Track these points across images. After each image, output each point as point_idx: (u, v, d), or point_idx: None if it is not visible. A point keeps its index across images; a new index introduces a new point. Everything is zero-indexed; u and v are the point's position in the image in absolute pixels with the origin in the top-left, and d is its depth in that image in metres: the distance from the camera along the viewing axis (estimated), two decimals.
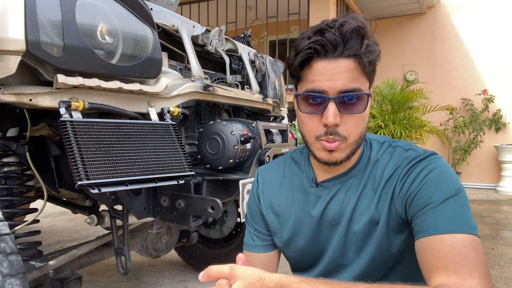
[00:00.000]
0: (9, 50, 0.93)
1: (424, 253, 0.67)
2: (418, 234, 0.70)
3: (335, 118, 0.72)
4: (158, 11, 1.48)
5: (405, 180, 0.75)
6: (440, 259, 0.64)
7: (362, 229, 0.81)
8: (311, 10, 5.04)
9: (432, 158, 0.75)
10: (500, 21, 5.76)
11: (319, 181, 0.87)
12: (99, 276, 2.35)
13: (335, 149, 0.75)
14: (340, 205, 0.84)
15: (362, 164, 0.83)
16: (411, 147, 0.81)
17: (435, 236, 0.66)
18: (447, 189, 0.70)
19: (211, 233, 2.37)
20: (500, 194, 5.43)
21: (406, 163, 0.77)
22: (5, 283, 0.93)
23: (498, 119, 5.75)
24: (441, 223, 0.67)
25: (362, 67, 0.72)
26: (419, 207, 0.71)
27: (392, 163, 0.79)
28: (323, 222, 0.87)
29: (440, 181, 0.71)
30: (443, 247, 0.64)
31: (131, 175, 1.03)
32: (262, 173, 0.98)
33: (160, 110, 1.28)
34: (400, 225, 0.77)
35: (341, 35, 0.70)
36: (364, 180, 0.82)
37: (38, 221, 1.36)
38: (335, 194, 0.84)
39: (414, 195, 0.72)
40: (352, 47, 0.71)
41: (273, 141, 1.69)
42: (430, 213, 0.69)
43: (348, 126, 0.74)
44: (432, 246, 0.66)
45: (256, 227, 0.96)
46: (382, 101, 4.83)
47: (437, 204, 0.69)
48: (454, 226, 0.66)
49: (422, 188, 0.72)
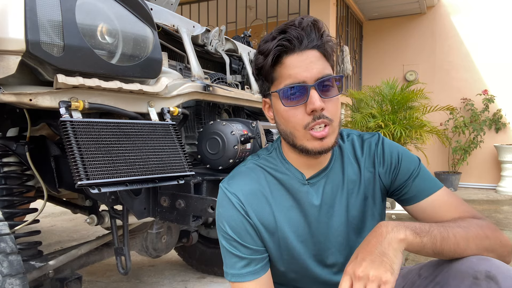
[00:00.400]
0: (9, 50, 0.93)
1: (433, 208, 0.85)
2: (417, 198, 0.87)
3: (320, 102, 0.78)
4: (158, 11, 1.48)
5: (383, 159, 0.90)
6: (450, 208, 0.84)
7: (359, 208, 0.90)
8: (311, 10, 5.04)
9: (384, 138, 0.93)
10: (500, 21, 5.76)
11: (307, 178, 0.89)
12: (99, 276, 2.35)
13: (326, 135, 0.79)
14: (331, 197, 0.89)
15: (336, 154, 0.92)
16: (359, 133, 0.96)
17: (433, 194, 0.86)
18: (414, 158, 0.90)
19: (211, 233, 2.37)
20: (500, 194, 5.43)
21: (374, 145, 0.92)
22: (5, 283, 0.93)
23: (498, 119, 5.75)
24: (430, 184, 0.87)
25: (326, 56, 0.81)
26: (405, 177, 0.88)
27: (358, 146, 0.93)
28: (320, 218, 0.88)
29: (407, 153, 0.91)
30: (445, 199, 0.85)
31: (131, 175, 1.03)
32: (235, 186, 0.87)
33: (160, 110, 1.28)
34: (383, 195, 0.92)
35: (302, 30, 0.78)
36: (344, 166, 0.91)
37: (38, 221, 1.36)
38: (324, 188, 0.89)
39: (398, 168, 0.89)
40: (314, 39, 0.79)
41: (273, 141, 1.69)
42: (417, 179, 0.87)
43: (331, 109, 0.80)
44: (437, 202, 0.85)
45: (250, 247, 0.86)
46: (382, 101, 4.83)
47: (418, 171, 0.88)
48: (437, 184, 0.87)
49: (402, 161, 0.89)
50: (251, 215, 0.86)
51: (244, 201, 0.86)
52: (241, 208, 0.86)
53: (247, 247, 0.86)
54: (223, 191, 0.88)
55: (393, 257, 0.66)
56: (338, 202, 0.89)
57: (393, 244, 0.68)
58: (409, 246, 0.70)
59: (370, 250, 0.68)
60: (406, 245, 0.69)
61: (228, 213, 0.86)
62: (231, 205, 0.86)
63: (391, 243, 0.68)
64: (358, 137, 0.94)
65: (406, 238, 0.69)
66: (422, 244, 0.70)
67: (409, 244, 0.69)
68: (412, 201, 0.87)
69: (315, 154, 0.81)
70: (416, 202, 0.87)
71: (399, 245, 0.68)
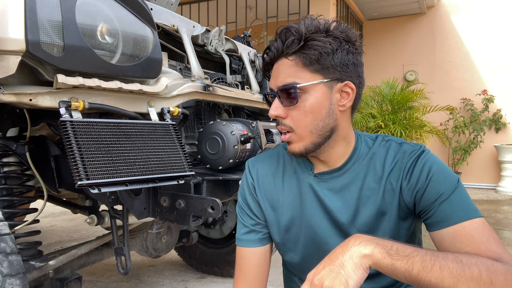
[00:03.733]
0: (9, 50, 0.93)
1: (452, 240, 0.73)
2: (439, 225, 0.75)
3: (276, 110, 0.81)
4: (158, 11, 1.48)
5: (411, 174, 0.81)
6: (470, 243, 0.71)
7: (369, 221, 0.84)
8: (311, 10, 5.04)
9: (427, 152, 0.83)
10: (500, 21, 5.76)
11: (315, 173, 0.90)
12: (99, 276, 2.35)
13: (288, 140, 0.83)
14: (339, 198, 0.87)
15: (358, 158, 0.87)
16: (403, 141, 0.88)
17: (458, 224, 0.73)
18: (451, 180, 0.77)
19: (211, 233, 2.37)
20: (500, 194, 5.43)
21: (408, 157, 0.82)
22: (5, 283, 0.93)
23: (498, 119, 5.75)
24: (459, 211, 0.74)
25: (304, 63, 0.79)
26: (432, 199, 0.77)
27: (391, 155, 0.85)
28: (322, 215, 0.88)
29: (444, 173, 0.78)
30: (469, 232, 0.72)
31: (131, 175, 1.03)
32: (254, 165, 0.99)
33: (160, 110, 1.28)
34: (406, 214, 0.83)
35: (281, 40, 0.80)
36: (363, 172, 0.86)
37: (38, 221, 1.36)
38: (332, 187, 0.87)
39: (424, 188, 0.78)
40: (290, 47, 0.79)
41: (273, 141, 1.69)
42: (445, 204, 0.75)
43: (293, 117, 0.81)
44: (459, 233, 0.73)
45: (253, 219, 0.96)
46: (382, 101, 4.84)
47: (449, 195, 0.76)
48: (470, 213, 0.74)
49: (430, 182, 0.78)
50: (259, 193, 0.96)
51: (256, 180, 0.97)
52: (252, 185, 0.97)
53: (250, 217, 0.96)
54: (246, 167, 1.00)
55: (351, 272, 0.63)
56: (346, 206, 0.86)
57: (355, 258, 0.64)
58: (376, 266, 0.64)
59: (332, 260, 0.65)
60: (371, 262, 0.64)
61: (242, 186, 1.00)
62: (245, 180, 0.99)
63: (353, 257, 0.64)
64: (398, 145, 0.86)
65: (372, 255, 0.64)
66: (393, 267, 0.63)
67: (376, 263, 0.64)
68: (434, 227, 0.76)
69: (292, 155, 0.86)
70: (438, 229, 0.76)
71: (361, 260, 0.64)
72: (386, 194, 0.83)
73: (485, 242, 0.71)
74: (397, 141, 0.88)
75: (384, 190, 0.83)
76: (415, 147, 0.84)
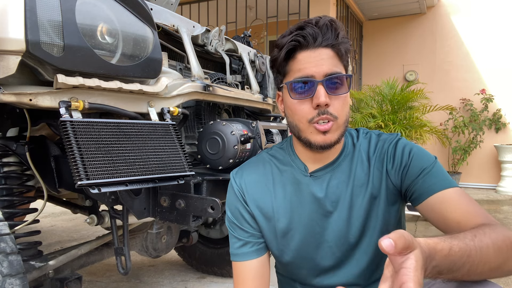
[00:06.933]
0: (9, 50, 0.93)
1: (440, 205, 0.79)
2: (425, 194, 0.81)
3: (326, 98, 0.80)
4: (158, 11, 1.48)
5: (393, 157, 0.88)
6: (458, 206, 0.77)
7: (364, 207, 0.87)
8: (311, 10, 5.04)
9: (404, 138, 0.91)
10: (500, 21, 5.76)
11: (310, 172, 0.91)
12: (99, 276, 2.35)
13: (329, 129, 0.82)
14: (335, 192, 0.89)
15: (347, 151, 0.92)
16: (380, 132, 0.95)
17: (442, 191, 0.79)
18: (430, 157, 0.86)
19: (211, 233, 2.37)
20: (500, 194, 5.43)
21: (387, 143, 0.90)
22: (5, 283, 0.93)
23: (497, 119, 5.75)
24: (442, 181, 0.81)
25: (339, 56, 0.83)
26: (415, 174, 0.83)
27: (373, 144, 0.91)
28: (320, 210, 0.89)
29: (423, 152, 0.87)
30: (454, 197, 0.78)
31: (131, 175, 1.03)
32: (240, 176, 0.97)
33: (160, 110, 1.28)
34: (394, 197, 0.89)
35: (318, 28, 0.81)
36: (354, 164, 0.90)
37: (38, 221, 1.35)
38: (328, 183, 0.89)
39: (408, 166, 0.85)
40: (329, 38, 0.81)
41: (273, 141, 1.69)
42: (428, 176, 0.82)
43: (337, 106, 0.82)
44: (446, 199, 0.79)
45: (247, 230, 0.94)
46: (382, 101, 4.83)
47: (430, 169, 0.83)
48: (451, 182, 0.81)
49: (413, 159, 0.85)
50: (249, 203, 0.94)
51: (245, 190, 0.95)
52: (241, 196, 0.95)
53: (244, 230, 0.94)
54: (231, 178, 0.98)
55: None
56: (342, 198, 0.89)
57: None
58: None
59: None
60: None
61: (230, 199, 0.97)
62: (232, 191, 0.97)
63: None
64: (377, 136, 0.93)
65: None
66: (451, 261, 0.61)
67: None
68: (421, 198, 0.82)
69: (317, 148, 0.84)
70: (424, 199, 0.81)
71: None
72: (375, 180, 0.88)
73: (469, 205, 0.78)
74: (375, 132, 0.95)
75: (371, 178, 0.89)
76: (392, 135, 0.92)
